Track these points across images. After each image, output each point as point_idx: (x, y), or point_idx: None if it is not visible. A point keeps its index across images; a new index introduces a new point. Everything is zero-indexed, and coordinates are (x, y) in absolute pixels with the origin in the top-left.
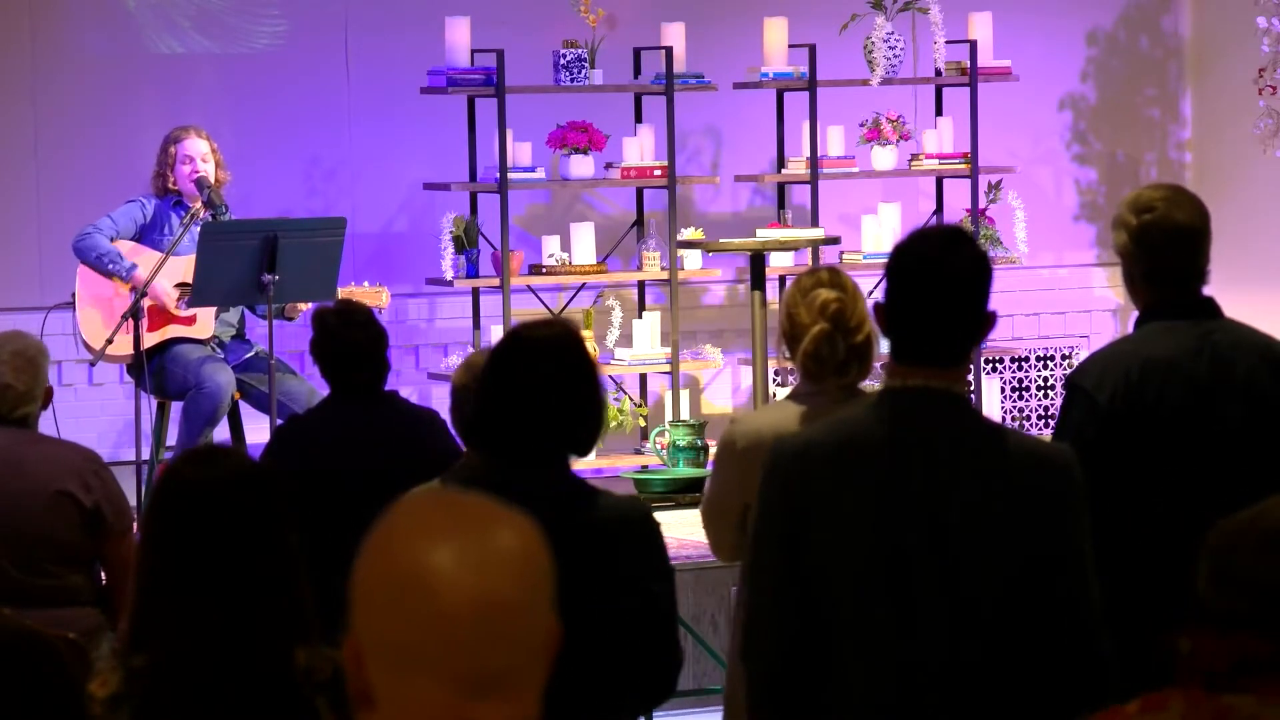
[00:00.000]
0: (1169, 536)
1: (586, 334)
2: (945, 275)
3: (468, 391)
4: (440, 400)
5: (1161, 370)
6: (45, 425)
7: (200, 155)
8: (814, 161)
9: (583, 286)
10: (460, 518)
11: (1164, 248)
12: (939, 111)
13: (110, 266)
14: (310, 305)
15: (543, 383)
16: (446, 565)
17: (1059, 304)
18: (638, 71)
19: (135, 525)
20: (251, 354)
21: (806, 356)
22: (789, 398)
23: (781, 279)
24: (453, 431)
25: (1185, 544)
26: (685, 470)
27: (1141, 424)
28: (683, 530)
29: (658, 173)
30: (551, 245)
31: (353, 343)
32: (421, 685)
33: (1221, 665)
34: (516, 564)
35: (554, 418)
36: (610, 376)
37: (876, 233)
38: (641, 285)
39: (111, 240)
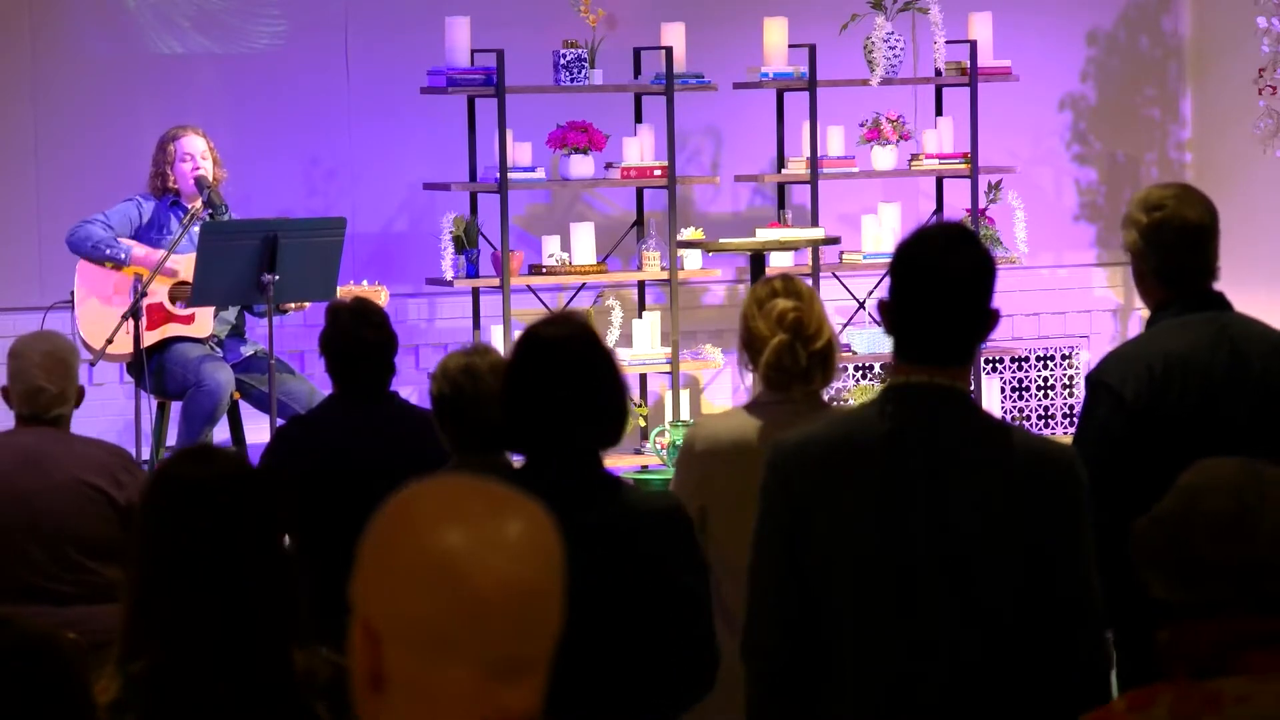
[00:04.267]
0: None
1: None
2: (949, 274)
3: (445, 400)
4: None
5: (1182, 364)
6: None
7: (199, 153)
8: (814, 161)
9: (583, 286)
10: (485, 503)
11: (1175, 245)
12: (939, 111)
13: (108, 252)
14: (308, 305)
15: (566, 381)
16: (478, 547)
17: (1059, 304)
18: (638, 71)
19: None
20: (251, 353)
21: (768, 367)
22: (748, 406)
23: None
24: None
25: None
26: None
27: (1165, 419)
28: None
29: (658, 173)
30: (551, 245)
31: (363, 342)
32: (452, 668)
33: (1204, 651)
34: (542, 548)
35: (580, 414)
36: None
37: (876, 233)
38: (641, 285)
39: None
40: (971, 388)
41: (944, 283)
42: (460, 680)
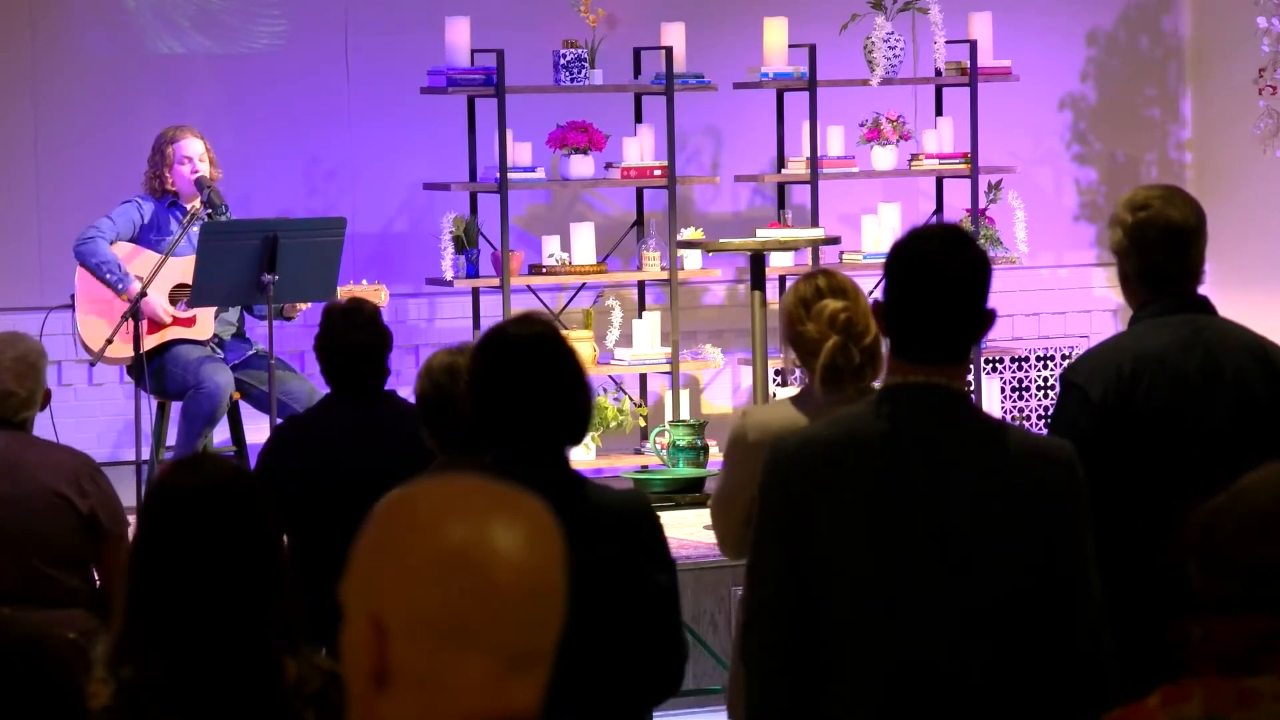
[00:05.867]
0: (1160, 531)
1: (586, 334)
2: (945, 274)
3: (429, 399)
4: None
5: (1153, 366)
6: (44, 426)
7: (198, 155)
8: (814, 161)
9: (583, 286)
10: (493, 498)
11: (1158, 245)
12: (939, 111)
13: (108, 277)
14: (309, 305)
15: (530, 380)
16: (501, 542)
17: (1059, 304)
18: (638, 71)
19: (131, 527)
20: (251, 352)
21: (824, 370)
22: (797, 401)
23: (782, 279)
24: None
25: (1176, 538)
26: (685, 470)
27: (1133, 419)
28: (683, 530)
29: (658, 173)
30: (551, 245)
31: (352, 343)
32: (467, 659)
33: (1235, 648)
34: (551, 543)
35: (546, 413)
36: (610, 376)
37: (876, 233)
38: (641, 285)
39: (112, 242)
40: (971, 388)
41: (943, 283)
42: (474, 671)
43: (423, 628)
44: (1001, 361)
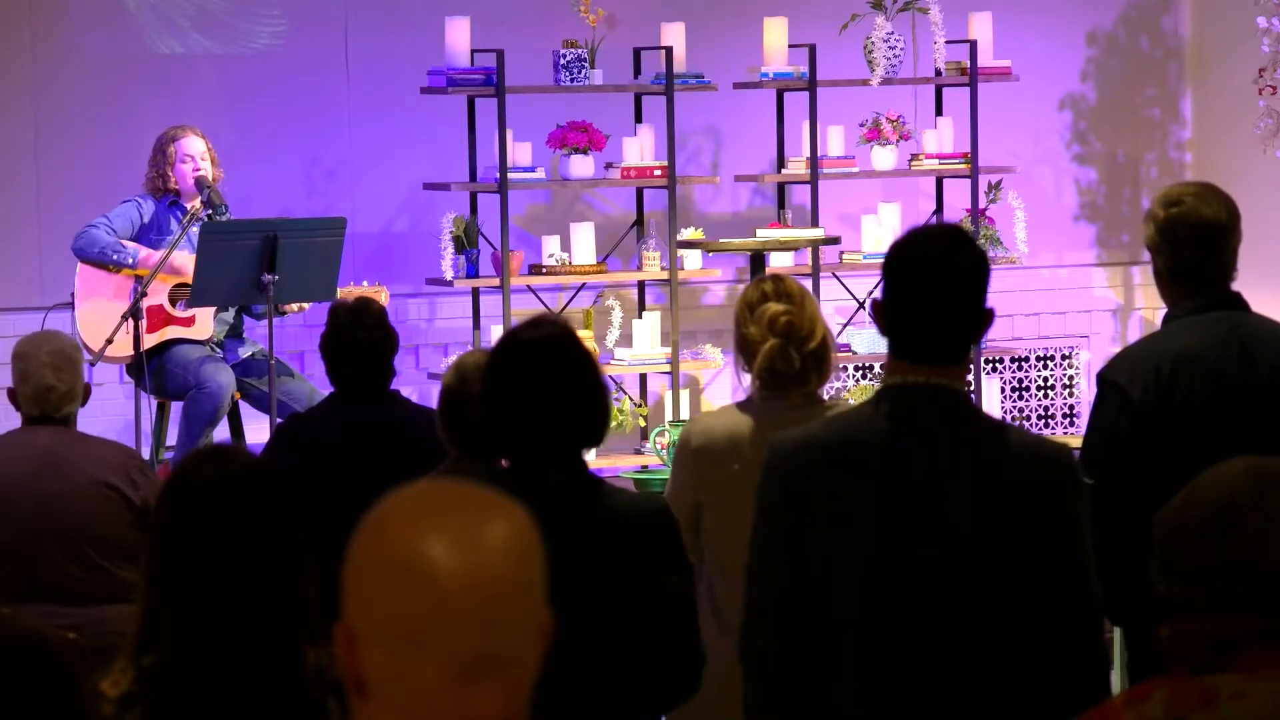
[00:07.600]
0: None
1: (586, 334)
2: (944, 273)
3: (452, 394)
4: None
5: (1191, 364)
6: None
7: (199, 154)
8: (814, 161)
9: (583, 286)
10: (455, 503)
11: (1188, 241)
12: (939, 111)
13: (115, 256)
14: (306, 306)
15: (547, 385)
16: (441, 545)
17: (1059, 304)
18: (638, 71)
19: None
20: (250, 354)
21: (761, 372)
22: (742, 404)
23: None
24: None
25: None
26: None
27: (1172, 418)
28: None
29: (658, 173)
30: (551, 245)
31: (356, 342)
32: (417, 666)
33: (1199, 648)
34: (510, 548)
35: (562, 417)
36: (610, 376)
37: (876, 233)
38: (641, 285)
39: None
40: (971, 388)
41: (943, 282)
42: (427, 679)
43: (380, 634)
44: (1001, 361)
